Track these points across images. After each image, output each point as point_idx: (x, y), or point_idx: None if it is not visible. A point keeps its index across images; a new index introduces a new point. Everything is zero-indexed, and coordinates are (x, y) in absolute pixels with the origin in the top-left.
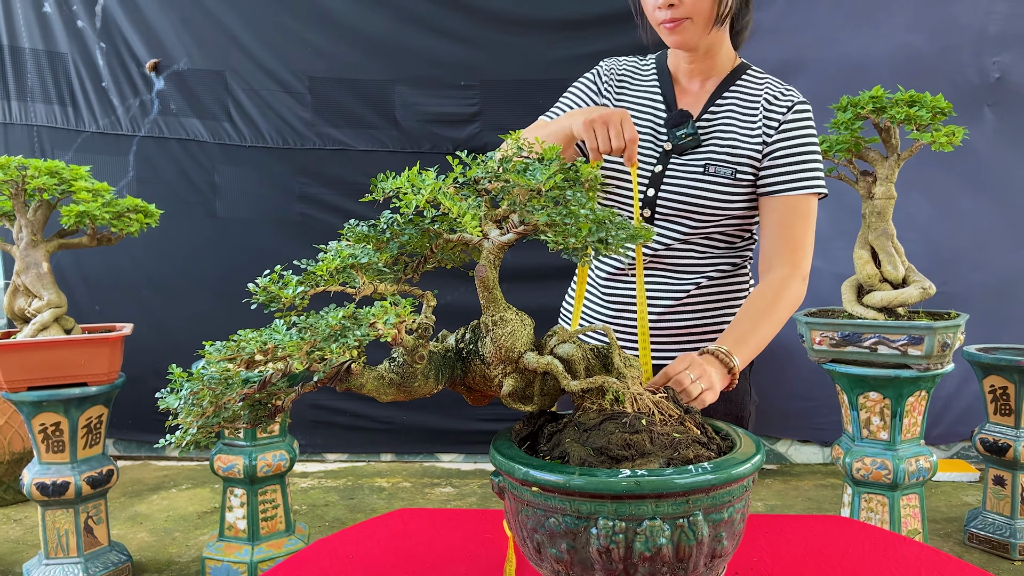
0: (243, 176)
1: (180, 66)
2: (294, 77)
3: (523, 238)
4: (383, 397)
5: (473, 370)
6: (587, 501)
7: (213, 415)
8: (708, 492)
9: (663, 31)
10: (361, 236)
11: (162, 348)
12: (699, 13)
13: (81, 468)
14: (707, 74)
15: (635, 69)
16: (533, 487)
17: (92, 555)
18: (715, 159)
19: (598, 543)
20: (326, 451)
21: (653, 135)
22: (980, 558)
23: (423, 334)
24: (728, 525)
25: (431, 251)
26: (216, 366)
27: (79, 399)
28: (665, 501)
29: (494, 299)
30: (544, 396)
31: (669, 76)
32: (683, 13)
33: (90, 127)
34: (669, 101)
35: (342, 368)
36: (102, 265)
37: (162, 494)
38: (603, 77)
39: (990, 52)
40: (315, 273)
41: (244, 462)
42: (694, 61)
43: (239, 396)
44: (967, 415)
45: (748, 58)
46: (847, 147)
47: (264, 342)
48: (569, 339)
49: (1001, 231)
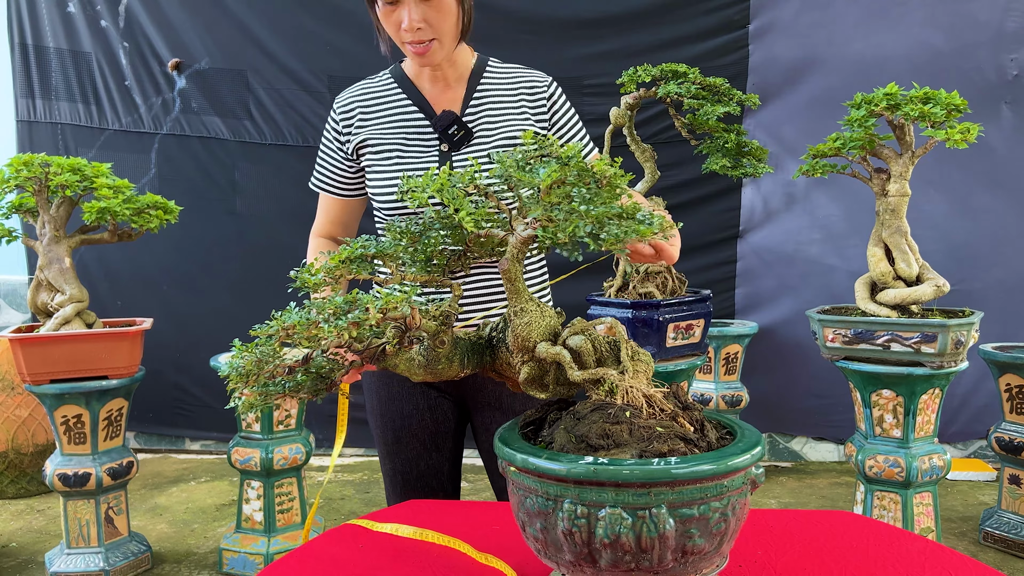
0: (263, 174)
1: (201, 65)
2: (313, 76)
3: None
4: (414, 376)
5: (501, 357)
6: (554, 484)
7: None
8: (671, 487)
9: (409, 52)
10: (399, 232)
11: (182, 343)
12: (445, 33)
13: (102, 460)
14: (451, 76)
15: (372, 91)
16: (511, 467)
17: (112, 545)
18: (495, 143)
19: (563, 525)
20: (343, 445)
21: (421, 143)
22: (995, 557)
23: (445, 320)
24: (701, 522)
25: (468, 245)
26: (263, 342)
27: (100, 392)
28: (625, 490)
29: (516, 291)
30: (560, 385)
31: (412, 83)
32: (429, 35)
33: (113, 125)
34: (426, 109)
35: (378, 349)
36: (124, 261)
37: (181, 487)
38: (339, 123)
39: (1008, 49)
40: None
41: (261, 455)
42: (439, 69)
43: (284, 368)
44: (984, 413)
45: (763, 56)
46: (861, 144)
47: (284, 321)
48: (583, 331)
49: (1019, 229)
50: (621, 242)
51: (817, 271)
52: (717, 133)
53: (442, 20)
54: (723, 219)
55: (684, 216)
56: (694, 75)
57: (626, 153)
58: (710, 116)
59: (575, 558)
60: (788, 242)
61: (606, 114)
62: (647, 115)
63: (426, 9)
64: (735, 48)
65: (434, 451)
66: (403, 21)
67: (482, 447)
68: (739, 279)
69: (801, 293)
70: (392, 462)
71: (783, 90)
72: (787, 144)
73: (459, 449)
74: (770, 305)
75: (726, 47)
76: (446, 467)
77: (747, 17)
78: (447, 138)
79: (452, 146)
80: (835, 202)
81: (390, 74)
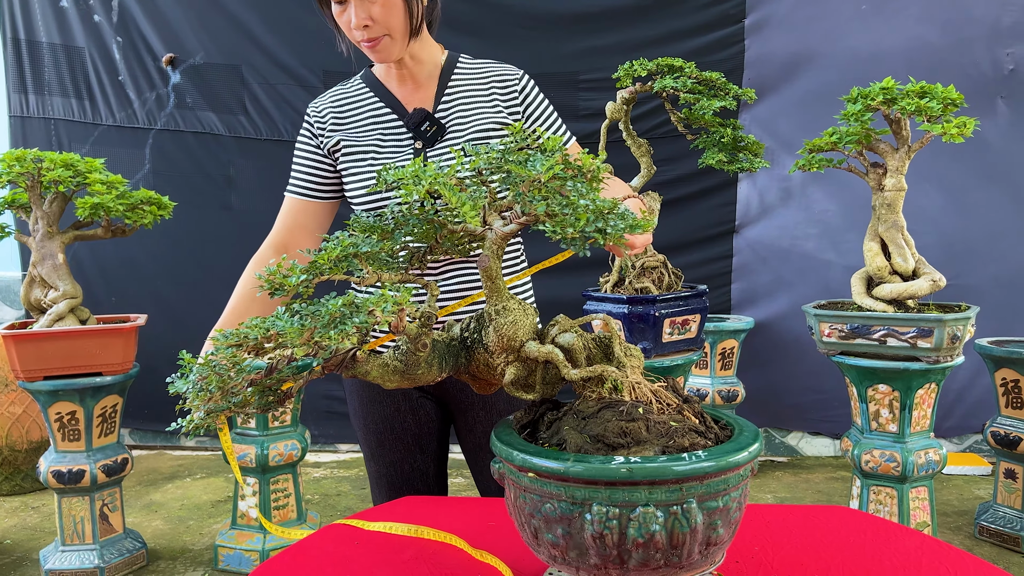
0: (258, 169)
1: (196, 60)
2: (309, 71)
3: (526, 228)
4: (388, 384)
5: (477, 359)
6: (582, 487)
7: (222, 400)
8: (702, 480)
9: (364, 49)
10: (366, 227)
11: (177, 339)
12: (394, 28)
13: (96, 456)
14: (420, 75)
15: (343, 97)
16: (529, 473)
17: (107, 542)
18: (469, 137)
19: (592, 528)
20: (339, 441)
21: (395, 143)
22: (990, 552)
23: (426, 322)
24: (723, 513)
25: (436, 241)
26: (224, 352)
27: (94, 388)
28: (659, 488)
29: (497, 289)
30: (546, 385)
31: (382, 85)
32: (379, 32)
33: (107, 120)
34: (397, 108)
35: (347, 355)
36: (118, 257)
37: (177, 483)
38: (314, 126)
39: (1004, 43)
40: (318, 262)
41: (256, 451)
42: (402, 68)
43: (246, 382)
44: (979, 408)
45: (759, 51)
46: (857, 139)
47: (267, 329)
48: (570, 329)
49: (1014, 223)
50: (623, 237)
51: (813, 266)
52: (713, 128)
53: (388, 15)
54: (719, 214)
55: (680, 211)
56: (690, 69)
57: (622, 148)
58: (706, 111)
59: (602, 561)
60: (784, 237)
61: (602, 109)
62: (643, 110)
63: (370, 6)
64: (731, 43)
65: (418, 453)
66: (352, 19)
67: (466, 447)
68: (735, 274)
69: (797, 288)
70: (377, 464)
71: (779, 85)
72: (783, 139)
73: (444, 449)
74: (766, 300)
75: (722, 42)
76: (432, 468)
77: (743, 12)
78: (420, 135)
79: (426, 143)
80: (831, 197)
81: (361, 79)
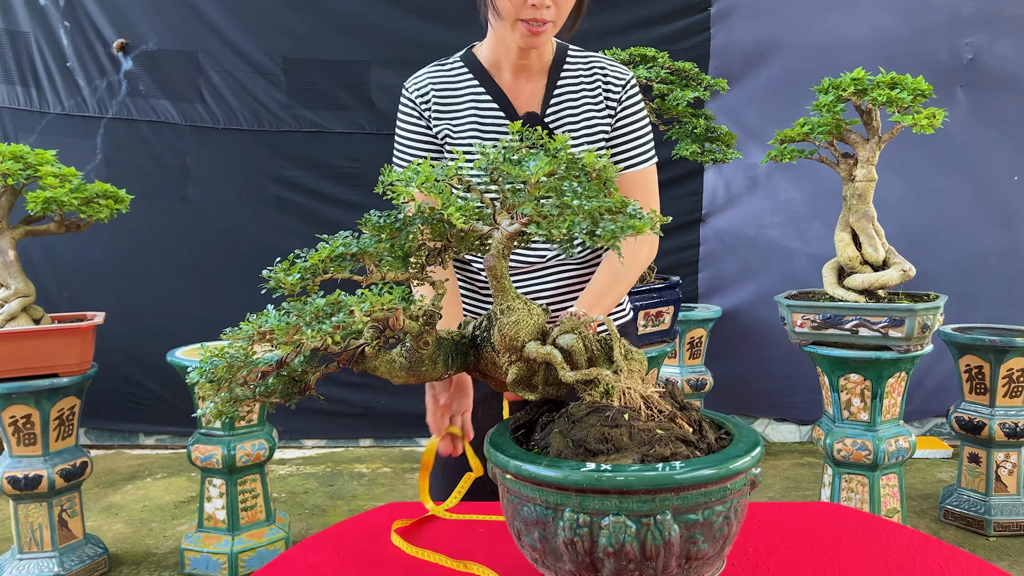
0: (216, 159)
1: (149, 46)
2: (268, 58)
3: None
4: (396, 380)
5: (485, 357)
6: (554, 492)
7: (241, 390)
8: (677, 492)
9: (521, 30)
10: (376, 227)
11: (136, 335)
12: (561, 19)
13: (54, 461)
14: (534, 66)
15: (444, 79)
16: (508, 475)
17: (67, 548)
18: (576, 141)
19: (564, 535)
20: (304, 437)
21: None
22: (956, 535)
23: (428, 320)
24: (705, 527)
25: (448, 240)
26: (235, 346)
27: (50, 391)
28: (629, 498)
29: (502, 288)
30: (549, 385)
31: (488, 74)
32: (551, 17)
33: (55, 109)
34: (505, 105)
35: (357, 351)
36: (71, 251)
37: (137, 484)
38: (419, 105)
39: (963, 33)
40: (311, 262)
41: (223, 452)
42: (527, 59)
43: (257, 373)
44: (939, 392)
45: (725, 39)
46: (828, 129)
47: (260, 325)
48: (573, 329)
49: (972, 211)
50: (616, 238)
51: (779, 254)
52: (686, 119)
53: (566, 5)
54: (686, 203)
55: None
56: (663, 59)
57: None
58: (680, 101)
59: (576, 568)
60: (750, 225)
61: None
62: None
63: None
64: (697, 31)
65: None
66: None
67: None
68: (702, 263)
69: (763, 276)
70: None
71: (744, 73)
72: (748, 128)
73: None
74: (732, 288)
75: (688, 30)
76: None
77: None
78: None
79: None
80: (796, 186)
81: (462, 60)
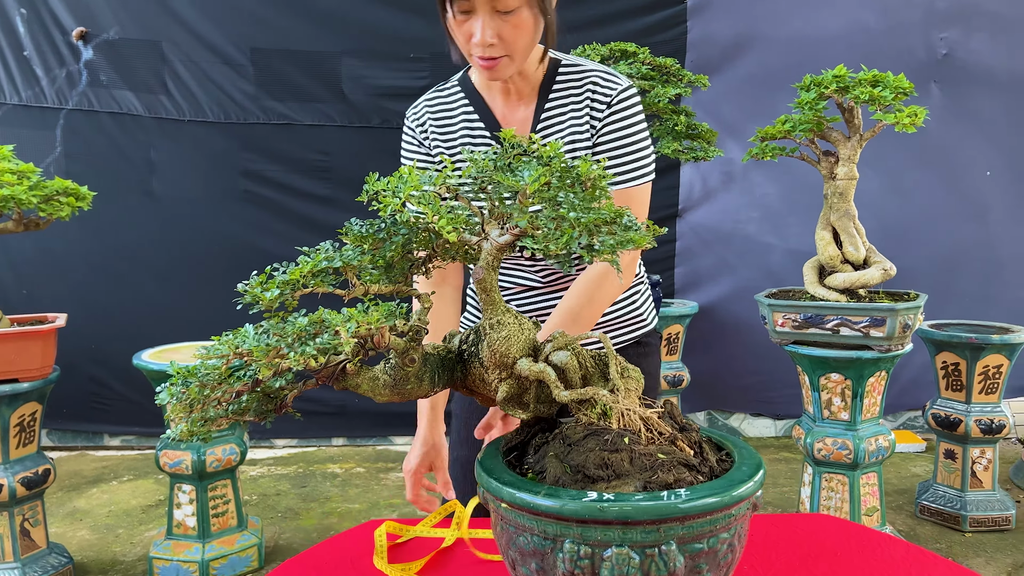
0: (182, 152)
1: (111, 35)
2: (235, 47)
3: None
4: (379, 398)
5: (473, 373)
6: (553, 523)
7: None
8: (683, 521)
9: (477, 64)
10: (358, 236)
11: (99, 334)
12: (518, 50)
13: (15, 469)
14: (524, 88)
15: (441, 104)
16: (503, 503)
17: (30, 559)
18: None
19: (563, 567)
20: (275, 436)
21: None
22: (931, 530)
23: (415, 336)
24: (709, 556)
25: (434, 251)
26: (207, 366)
27: (10, 396)
28: (633, 528)
29: (492, 302)
30: (541, 403)
31: (481, 98)
32: (500, 52)
33: (11, 99)
34: (493, 128)
35: (338, 368)
36: (31, 248)
37: (102, 487)
38: (418, 133)
39: (938, 28)
40: (292, 278)
41: (192, 457)
42: (509, 83)
43: (232, 392)
44: (913, 387)
45: (701, 32)
46: (810, 127)
47: (236, 345)
48: (566, 346)
49: (947, 206)
50: (614, 252)
51: (755, 249)
52: (666, 115)
53: (518, 37)
54: (662, 198)
55: None
56: (644, 55)
57: None
58: (661, 98)
59: None
60: (726, 221)
61: None
62: None
63: (502, 24)
64: (673, 24)
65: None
66: (475, 35)
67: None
68: (678, 258)
69: (739, 271)
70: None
71: (721, 67)
72: (725, 123)
73: None
74: (709, 284)
75: (664, 23)
76: None
77: None
78: None
79: None
80: (772, 181)
81: (458, 83)
